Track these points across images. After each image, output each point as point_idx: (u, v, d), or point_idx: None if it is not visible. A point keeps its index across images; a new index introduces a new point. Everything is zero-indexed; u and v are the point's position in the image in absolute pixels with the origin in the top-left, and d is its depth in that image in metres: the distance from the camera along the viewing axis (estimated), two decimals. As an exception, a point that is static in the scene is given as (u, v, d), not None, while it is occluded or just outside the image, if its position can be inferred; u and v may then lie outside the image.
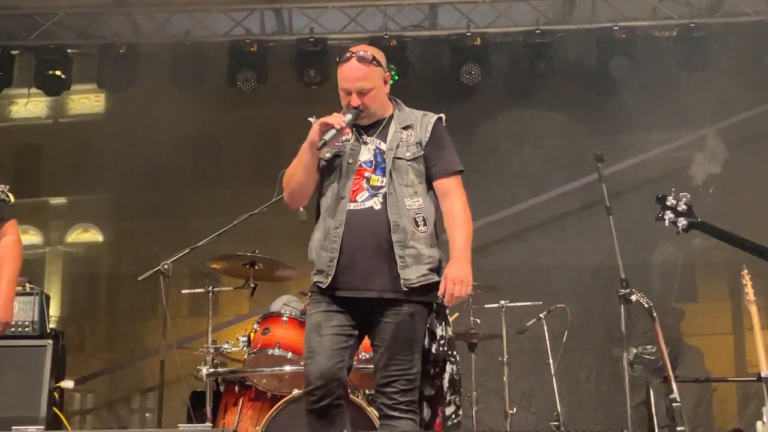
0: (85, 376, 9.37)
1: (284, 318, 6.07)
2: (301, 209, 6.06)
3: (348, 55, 4.33)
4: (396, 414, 4.12)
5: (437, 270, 4.20)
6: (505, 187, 9.72)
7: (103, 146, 9.90)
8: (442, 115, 4.48)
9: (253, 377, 6.07)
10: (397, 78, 9.19)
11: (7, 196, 4.51)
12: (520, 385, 8.69)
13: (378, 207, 4.19)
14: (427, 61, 9.86)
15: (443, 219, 4.30)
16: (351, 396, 5.71)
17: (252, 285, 6.38)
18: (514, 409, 7.09)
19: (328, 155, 4.32)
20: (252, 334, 6.09)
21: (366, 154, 4.31)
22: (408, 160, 4.28)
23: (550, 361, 7.11)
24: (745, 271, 7.05)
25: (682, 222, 4.77)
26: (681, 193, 4.89)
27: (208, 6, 9.50)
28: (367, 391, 6.10)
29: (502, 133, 10.02)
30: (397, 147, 4.29)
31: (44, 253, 10.79)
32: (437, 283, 4.14)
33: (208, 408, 6.00)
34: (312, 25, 9.48)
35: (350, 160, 4.28)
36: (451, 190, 4.32)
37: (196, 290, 6.51)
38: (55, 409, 7.27)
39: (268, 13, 9.57)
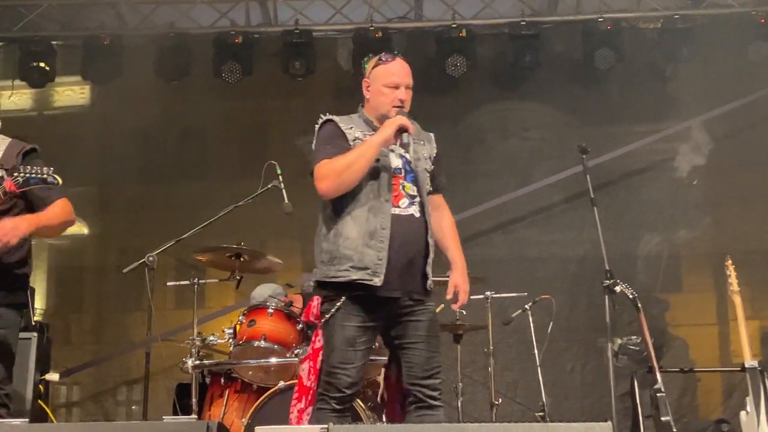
0: (70, 368, 9.33)
1: (270, 310, 6.08)
2: (287, 202, 6.10)
3: (392, 55, 4.71)
4: (437, 403, 4.45)
5: None
6: (491, 178, 9.73)
7: (88, 138, 9.87)
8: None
9: (239, 369, 6.07)
10: (382, 70, 9.28)
11: (55, 178, 4.53)
12: (506, 376, 8.72)
13: (418, 215, 4.52)
14: (412, 53, 9.81)
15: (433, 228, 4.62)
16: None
17: (238, 277, 6.38)
18: (500, 400, 7.12)
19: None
20: (238, 326, 6.10)
21: (395, 161, 4.58)
22: (428, 173, 4.66)
23: (536, 351, 7.13)
24: (730, 261, 7.10)
25: None
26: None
27: (193, -3, 9.48)
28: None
29: (487, 125, 10.01)
30: (419, 159, 4.63)
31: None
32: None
33: (193, 400, 6.00)
34: (297, 17, 9.47)
35: (386, 165, 4.51)
36: (443, 204, 4.81)
37: (182, 282, 6.50)
38: (40, 402, 7.27)
39: (254, 5, 9.55)
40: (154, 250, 6.16)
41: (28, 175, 4.50)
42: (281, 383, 5.73)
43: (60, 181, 4.57)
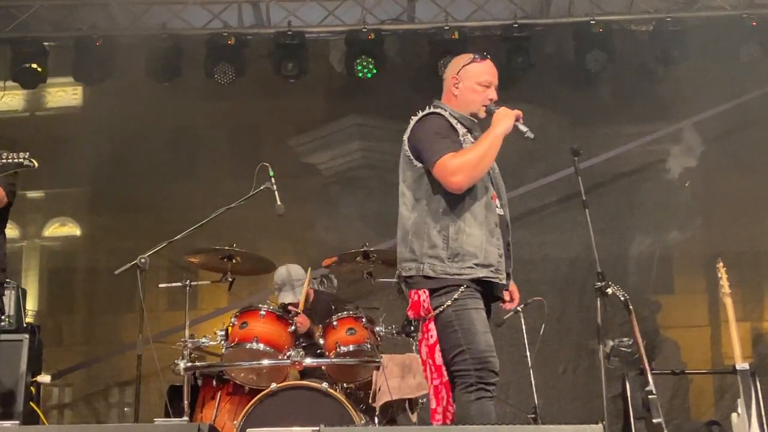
0: (62, 370, 9.33)
1: (262, 312, 6.06)
2: (279, 203, 6.09)
3: (483, 55, 4.79)
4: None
5: None
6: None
7: (80, 139, 9.84)
8: None
9: (231, 371, 6.05)
10: (375, 71, 9.30)
11: (31, 161, 4.56)
12: (498, 378, 8.71)
13: (502, 213, 4.65)
14: (405, 55, 9.87)
15: None
16: (330, 390, 5.73)
17: (230, 279, 6.36)
18: (492, 402, 7.11)
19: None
20: (230, 328, 6.07)
21: None
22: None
23: (528, 353, 7.14)
24: (721, 263, 7.11)
25: None
26: None
27: (186, -2, 9.47)
28: (345, 385, 6.11)
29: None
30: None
31: (21, 247, 10.72)
32: None
33: (185, 402, 5.98)
34: (290, 18, 9.47)
35: None
36: None
37: (174, 284, 6.48)
38: (31, 403, 7.25)
39: (246, 6, 9.54)
40: (146, 251, 6.13)
41: None
42: (273, 385, 5.72)
43: (36, 164, 4.58)
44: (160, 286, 6.70)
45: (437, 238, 4.43)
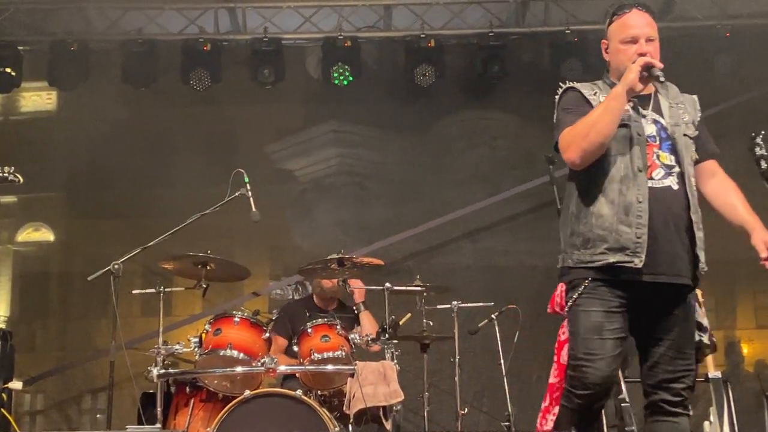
0: (34, 376, 9.26)
1: (236, 319, 6.05)
2: (255, 210, 6.09)
3: (629, 5, 4.20)
4: (680, 410, 4.03)
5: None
6: (458, 187, 9.77)
7: (54, 144, 9.79)
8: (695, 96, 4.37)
9: (205, 378, 6.03)
10: (351, 78, 9.32)
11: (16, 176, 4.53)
12: (472, 386, 8.74)
13: (676, 187, 4.02)
14: (381, 62, 9.89)
15: (711, 197, 4.24)
16: (303, 397, 5.72)
17: (204, 285, 6.34)
18: (466, 410, 7.12)
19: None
20: (203, 335, 6.06)
21: (649, 127, 4.10)
22: (691, 138, 4.15)
23: (502, 361, 7.16)
24: (694, 272, 7.13)
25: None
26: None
27: (162, 4, 9.44)
28: (319, 392, 6.11)
29: (455, 134, 10.06)
30: (677, 124, 4.14)
31: (-6, 252, 10.66)
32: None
33: (158, 409, 5.95)
34: (266, 25, 9.47)
35: (638, 132, 4.05)
36: (718, 169, 4.28)
37: (147, 290, 6.44)
38: (3, 410, 7.20)
39: (222, 12, 9.53)
40: (120, 257, 6.11)
41: None
42: (247, 392, 5.70)
43: (20, 179, 4.56)
44: (133, 292, 6.65)
45: (574, 224, 4.07)
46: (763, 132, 6.06)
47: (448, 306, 7.15)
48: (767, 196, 5.97)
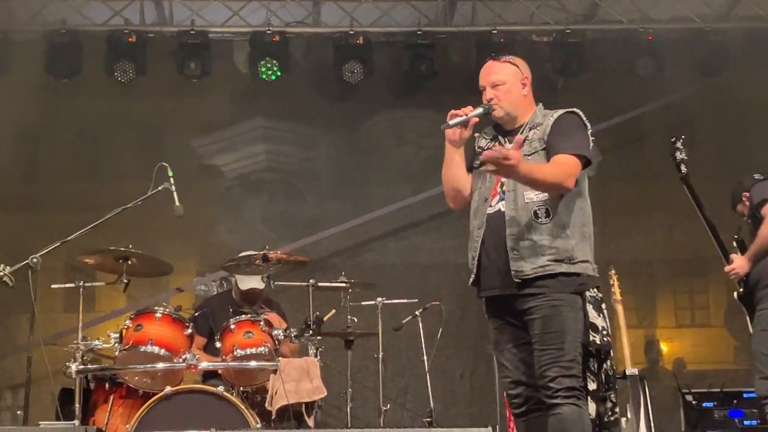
0: (-49, 373, 9.07)
1: (158, 314, 5.98)
2: (178, 204, 6.03)
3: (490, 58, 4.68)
4: (557, 401, 4.16)
5: (566, 260, 4.28)
6: (386, 184, 9.81)
7: (-26, 136, 9.59)
8: (575, 109, 4.63)
9: (125, 374, 5.96)
10: (279, 73, 9.28)
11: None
12: (396, 382, 8.79)
13: (502, 209, 4.38)
14: (310, 58, 9.87)
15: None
16: (225, 393, 5.70)
17: (125, 280, 6.26)
18: (388, 405, 7.16)
19: (476, 162, 4.51)
20: (124, 331, 5.99)
21: None
22: (528, 155, 4.33)
23: (425, 357, 7.21)
24: (613, 271, 7.29)
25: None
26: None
27: (87, -6, 9.31)
28: (242, 389, 6.08)
29: (383, 132, 10.10)
30: (530, 154, 4.38)
31: None
32: (571, 273, 4.28)
33: (77, 406, 5.87)
34: (193, 18, 9.39)
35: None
36: (558, 158, 4.33)
37: (67, 285, 6.35)
38: None
39: (148, 4, 9.42)
40: (41, 251, 6.01)
41: None
42: (168, 388, 5.66)
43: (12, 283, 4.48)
44: (52, 286, 6.54)
45: None
46: (683, 136, 6.24)
47: (373, 303, 7.17)
48: (686, 197, 6.16)
